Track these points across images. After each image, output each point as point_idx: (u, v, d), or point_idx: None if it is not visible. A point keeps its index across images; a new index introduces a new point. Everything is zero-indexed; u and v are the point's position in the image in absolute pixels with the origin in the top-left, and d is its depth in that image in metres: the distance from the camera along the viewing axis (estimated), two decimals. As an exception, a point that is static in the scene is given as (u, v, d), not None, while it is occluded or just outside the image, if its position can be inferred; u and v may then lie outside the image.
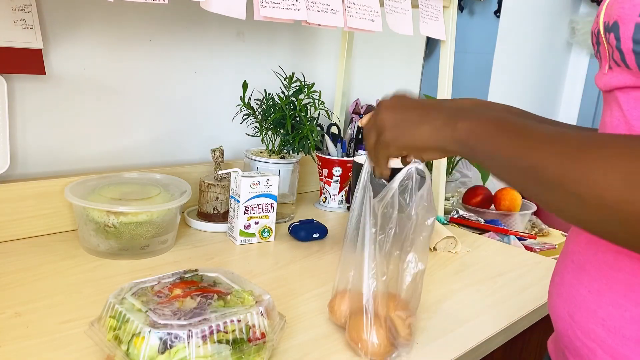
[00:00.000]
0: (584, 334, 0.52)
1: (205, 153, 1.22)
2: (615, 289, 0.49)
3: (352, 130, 1.35)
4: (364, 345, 0.65)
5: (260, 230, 1.03)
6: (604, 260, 0.50)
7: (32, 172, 0.99)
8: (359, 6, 0.97)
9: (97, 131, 1.06)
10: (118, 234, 0.88)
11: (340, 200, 1.29)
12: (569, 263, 0.56)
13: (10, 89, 0.93)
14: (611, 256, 0.49)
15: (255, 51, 1.28)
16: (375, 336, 0.65)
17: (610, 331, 0.49)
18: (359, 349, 0.66)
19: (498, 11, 2.07)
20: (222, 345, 0.57)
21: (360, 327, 0.66)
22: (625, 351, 0.48)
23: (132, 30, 1.06)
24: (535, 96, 2.46)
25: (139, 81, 1.10)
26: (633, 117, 0.48)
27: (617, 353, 0.49)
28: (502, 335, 0.80)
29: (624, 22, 0.46)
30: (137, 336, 0.56)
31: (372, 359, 0.66)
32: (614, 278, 0.49)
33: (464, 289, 0.91)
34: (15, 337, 0.65)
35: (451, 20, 1.22)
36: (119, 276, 0.84)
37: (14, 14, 0.88)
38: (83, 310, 0.72)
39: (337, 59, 1.46)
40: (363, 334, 0.65)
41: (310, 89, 1.12)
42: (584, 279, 0.52)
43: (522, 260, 1.06)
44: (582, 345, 0.52)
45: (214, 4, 0.76)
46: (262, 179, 1.01)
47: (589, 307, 0.51)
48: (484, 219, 1.36)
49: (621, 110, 0.50)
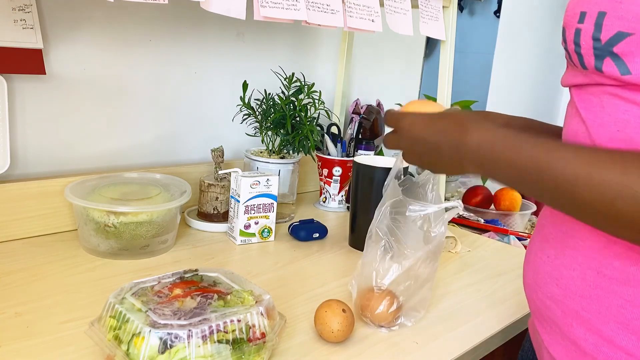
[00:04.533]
0: (543, 294, 0.58)
1: (205, 153, 1.22)
2: (567, 253, 0.56)
3: (352, 130, 1.35)
4: (373, 315, 0.74)
5: (260, 230, 1.03)
6: (561, 230, 0.57)
7: (32, 172, 0.99)
8: (359, 6, 0.97)
9: (97, 131, 1.06)
10: (118, 234, 0.88)
11: (340, 200, 1.29)
12: (536, 235, 0.62)
13: (10, 89, 0.93)
14: (567, 226, 0.56)
15: (255, 51, 1.28)
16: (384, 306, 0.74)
17: (562, 288, 0.56)
18: (368, 317, 0.75)
19: (498, 11, 2.07)
20: (222, 345, 0.57)
21: (369, 300, 0.74)
22: (574, 305, 0.54)
23: (132, 30, 1.06)
24: (535, 96, 2.46)
25: (139, 81, 1.10)
26: (584, 113, 0.54)
27: (567, 307, 0.55)
28: (502, 335, 0.80)
29: (568, 27, 0.54)
30: (137, 336, 0.56)
31: (381, 324, 0.74)
32: (566, 243, 0.56)
33: (463, 289, 0.91)
34: (15, 337, 0.65)
35: (451, 20, 1.22)
36: (119, 276, 0.84)
37: (14, 14, 0.89)
38: (83, 310, 0.72)
39: (337, 58, 1.46)
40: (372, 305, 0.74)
41: (310, 89, 1.12)
42: (545, 246, 0.59)
43: (522, 260, 1.06)
44: (542, 305, 0.59)
45: (214, 4, 0.76)
46: (262, 179, 1.01)
47: (546, 269, 0.58)
48: (483, 219, 1.36)
49: (575, 107, 0.56)
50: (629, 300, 0.50)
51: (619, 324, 0.51)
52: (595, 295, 0.53)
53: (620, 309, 0.51)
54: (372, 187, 1.00)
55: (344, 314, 0.69)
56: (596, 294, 0.52)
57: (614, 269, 0.51)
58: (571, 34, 0.53)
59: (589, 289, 0.53)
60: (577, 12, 0.53)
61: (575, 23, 0.53)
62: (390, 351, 0.70)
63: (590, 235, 0.53)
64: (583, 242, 0.54)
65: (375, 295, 0.74)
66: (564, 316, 0.56)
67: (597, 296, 0.52)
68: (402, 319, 0.76)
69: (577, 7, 0.53)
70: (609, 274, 0.51)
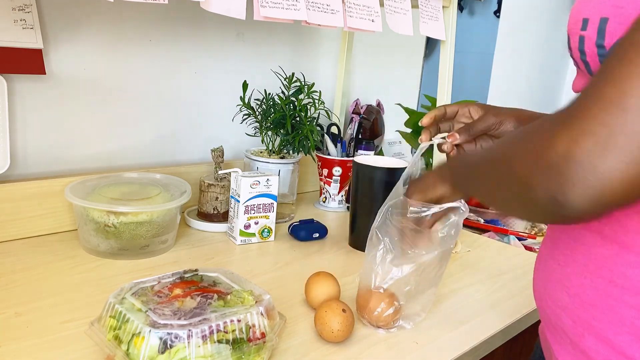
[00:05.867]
0: (553, 301, 0.57)
1: (205, 153, 1.22)
2: (577, 259, 0.54)
3: (352, 130, 1.35)
4: (370, 316, 0.74)
5: (260, 230, 1.03)
6: (570, 236, 0.55)
7: (32, 172, 0.99)
8: (359, 6, 0.97)
9: (97, 131, 1.06)
10: (118, 233, 0.88)
11: (340, 200, 1.29)
12: (546, 240, 0.62)
13: (10, 89, 0.93)
14: (576, 231, 0.55)
15: (255, 51, 1.28)
16: (381, 308, 0.74)
17: (572, 297, 0.54)
18: (365, 318, 0.75)
19: (498, 11, 2.07)
20: (222, 345, 0.57)
21: (368, 301, 0.74)
22: (584, 315, 0.53)
23: (132, 30, 1.06)
24: (535, 96, 2.46)
25: (139, 81, 1.10)
26: None
27: (577, 317, 0.54)
28: (502, 335, 0.80)
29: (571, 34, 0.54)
30: (137, 336, 0.56)
31: (379, 325, 0.75)
32: (576, 250, 0.54)
33: (464, 289, 0.91)
34: (15, 337, 0.65)
35: (451, 20, 1.22)
36: (119, 276, 0.84)
37: (14, 14, 0.88)
38: (83, 310, 0.72)
39: (337, 59, 1.46)
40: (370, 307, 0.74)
41: (310, 89, 1.12)
42: (555, 252, 0.57)
43: (522, 260, 1.06)
44: (552, 313, 0.58)
45: (214, 4, 0.76)
46: (262, 179, 1.01)
47: (556, 277, 0.56)
48: (484, 219, 1.36)
49: None
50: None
51: (631, 336, 0.49)
52: (607, 305, 0.51)
53: (634, 320, 0.49)
54: (372, 187, 1.00)
55: (344, 314, 0.69)
56: (608, 303, 0.51)
57: (626, 278, 0.49)
58: (575, 41, 0.53)
59: (601, 298, 0.51)
60: (580, 19, 0.53)
61: (578, 30, 0.52)
62: (390, 351, 0.70)
63: (603, 243, 0.51)
64: (595, 250, 0.52)
65: (374, 296, 0.74)
66: (574, 325, 0.54)
67: (608, 306, 0.51)
68: (401, 321, 0.75)
69: (580, 14, 0.53)
70: (621, 284, 0.49)
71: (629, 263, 0.49)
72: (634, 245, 0.49)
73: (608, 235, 0.50)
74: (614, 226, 0.50)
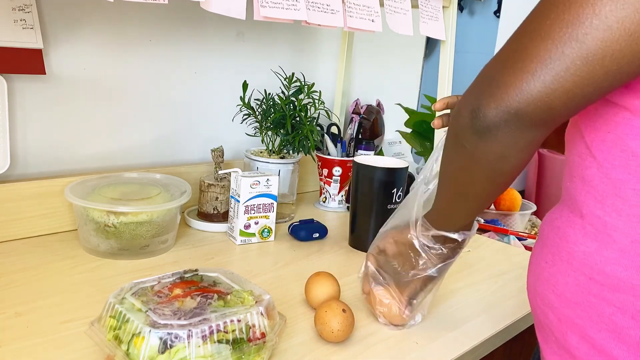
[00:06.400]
0: (542, 301, 0.58)
1: (205, 153, 1.22)
2: (563, 258, 0.55)
3: (352, 130, 1.35)
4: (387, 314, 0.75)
5: (260, 230, 1.03)
6: (556, 234, 0.57)
7: (32, 172, 0.99)
8: (359, 6, 0.97)
9: (97, 131, 1.06)
10: (118, 233, 0.88)
11: (340, 200, 1.29)
12: (537, 241, 0.63)
13: (10, 89, 0.93)
14: (561, 230, 0.56)
15: (255, 51, 1.28)
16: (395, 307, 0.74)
17: (558, 296, 0.55)
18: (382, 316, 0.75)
19: (498, 11, 2.07)
20: (222, 345, 0.57)
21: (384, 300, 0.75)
22: (568, 313, 0.54)
23: (132, 30, 1.06)
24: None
25: (139, 81, 1.10)
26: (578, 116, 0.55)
27: (562, 315, 0.55)
28: (502, 335, 0.80)
29: None
30: (137, 336, 0.56)
31: (393, 324, 0.75)
32: (562, 248, 0.55)
33: (464, 289, 0.91)
34: (15, 337, 0.65)
35: (451, 20, 1.22)
36: (119, 276, 0.84)
37: (14, 14, 0.88)
38: (83, 310, 0.72)
39: (337, 59, 1.46)
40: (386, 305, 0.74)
41: (310, 89, 1.12)
42: (544, 252, 0.58)
43: (522, 260, 1.06)
44: (540, 312, 0.59)
45: (214, 4, 0.76)
46: (262, 179, 1.01)
47: (545, 276, 0.57)
48: (484, 219, 1.37)
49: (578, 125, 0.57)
50: (620, 307, 0.49)
51: (610, 333, 0.50)
52: (588, 302, 0.52)
53: (612, 316, 0.50)
54: (372, 187, 1.00)
55: (344, 314, 0.69)
56: (588, 300, 0.52)
57: (605, 274, 0.50)
58: None
59: (582, 296, 0.53)
60: None
61: None
62: (390, 351, 0.70)
63: (583, 240, 0.53)
64: (577, 247, 0.53)
65: None
66: (559, 324, 0.55)
67: (589, 303, 0.52)
68: None
69: None
70: (600, 280, 0.51)
71: (607, 259, 0.51)
72: (612, 242, 0.50)
73: (589, 233, 0.52)
74: (595, 223, 0.51)
